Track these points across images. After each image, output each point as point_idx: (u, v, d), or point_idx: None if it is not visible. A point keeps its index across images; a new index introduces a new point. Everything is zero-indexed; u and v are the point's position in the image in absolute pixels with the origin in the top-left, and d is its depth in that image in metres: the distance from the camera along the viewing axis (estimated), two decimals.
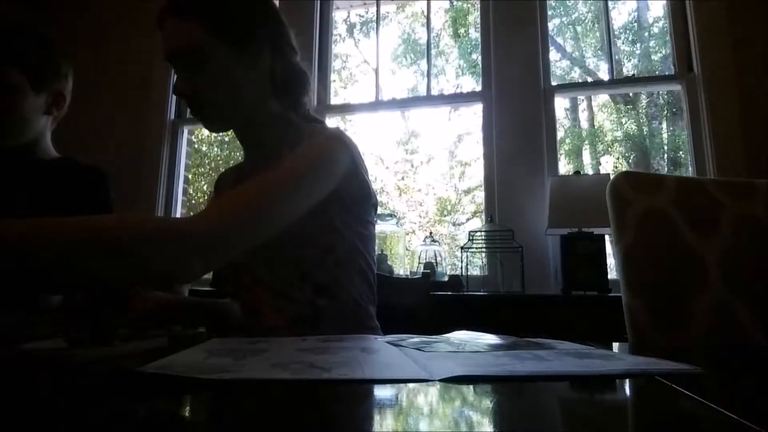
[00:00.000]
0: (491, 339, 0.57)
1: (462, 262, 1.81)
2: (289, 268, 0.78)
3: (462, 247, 1.82)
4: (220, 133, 0.88)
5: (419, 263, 1.88)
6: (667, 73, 2.03)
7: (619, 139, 4.53)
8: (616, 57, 2.89)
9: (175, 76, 0.78)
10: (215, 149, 5.15)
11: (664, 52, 3.69)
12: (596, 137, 4.66)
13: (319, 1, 2.30)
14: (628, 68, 4.28)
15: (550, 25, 2.12)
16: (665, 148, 4.32)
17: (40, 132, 1.10)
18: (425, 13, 2.45)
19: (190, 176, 2.62)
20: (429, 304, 1.16)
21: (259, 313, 0.80)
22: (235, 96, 0.78)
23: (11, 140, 1.05)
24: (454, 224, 5.04)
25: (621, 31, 4.35)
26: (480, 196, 2.17)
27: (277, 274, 0.79)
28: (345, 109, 2.36)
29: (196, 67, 0.74)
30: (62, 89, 1.11)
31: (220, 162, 5.04)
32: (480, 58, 2.22)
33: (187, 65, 0.75)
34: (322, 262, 0.78)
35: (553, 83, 2.02)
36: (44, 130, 1.11)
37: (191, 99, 0.77)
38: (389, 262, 1.82)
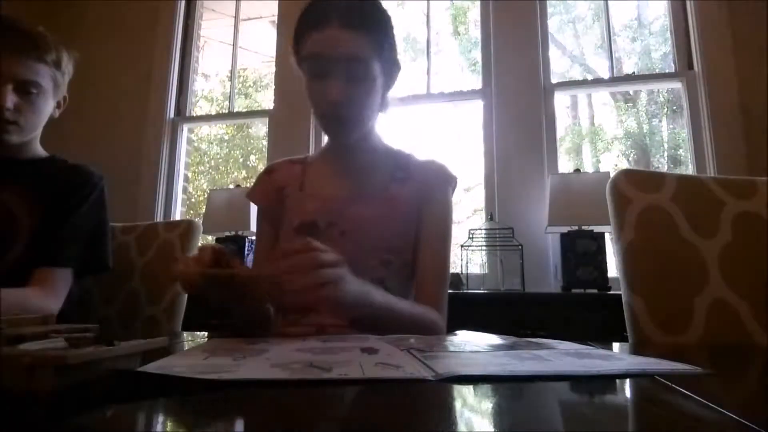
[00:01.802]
0: (491, 339, 0.57)
1: (462, 260, 1.81)
2: (369, 270, 0.79)
3: (462, 245, 1.82)
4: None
5: None
6: (667, 71, 2.03)
7: (619, 136, 4.53)
8: (616, 55, 2.88)
9: (322, 84, 0.79)
10: (215, 147, 5.15)
11: (664, 49, 3.68)
12: (596, 135, 4.65)
13: None
14: (629, 66, 4.28)
15: (550, 23, 2.12)
16: (665, 145, 4.32)
17: (39, 131, 1.10)
18: (425, 11, 2.45)
19: (189, 174, 2.62)
20: None
21: (313, 310, 0.79)
22: (372, 111, 0.84)
23: (24, 138, 1.04)
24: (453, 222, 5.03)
25: (621, 28, 4.34)
26: (480, 194, 2.17)
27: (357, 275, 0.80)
28: None
29: (356, 78, 0.78)
30: (66, 92, 1.11)
31: (220, 160, 5.04)
32: (480, 55, 2.21)
33: (349, 75, 0.78)
34: (398, 272, 0.84)
35: (553, 81, 2.02)
36: (40, 129, 1.11)
37: (342, 106, 0.79)
38: None
